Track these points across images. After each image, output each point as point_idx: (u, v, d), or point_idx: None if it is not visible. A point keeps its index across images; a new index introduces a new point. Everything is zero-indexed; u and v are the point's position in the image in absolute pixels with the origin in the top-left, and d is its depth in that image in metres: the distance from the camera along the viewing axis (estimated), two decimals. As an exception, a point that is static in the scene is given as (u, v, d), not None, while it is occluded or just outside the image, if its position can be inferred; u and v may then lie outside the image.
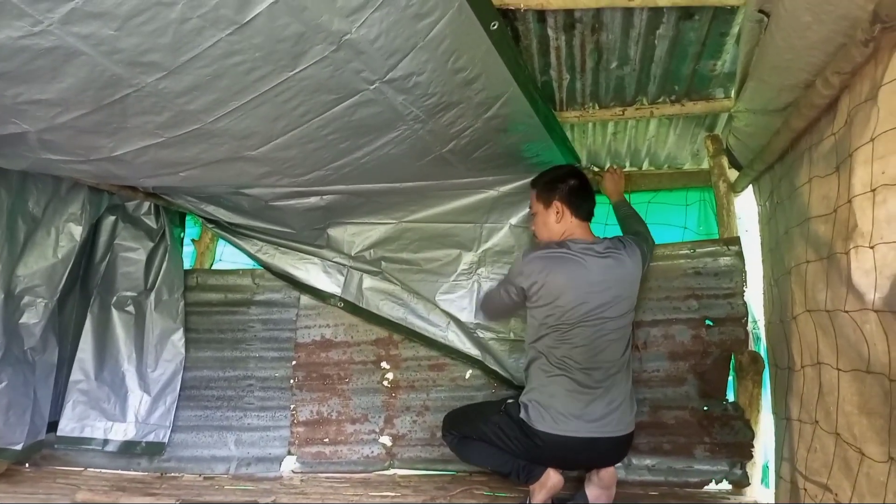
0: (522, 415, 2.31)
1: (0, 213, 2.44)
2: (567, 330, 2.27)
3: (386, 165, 2.36)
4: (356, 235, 3.10)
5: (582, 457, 2.33)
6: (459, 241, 3.05)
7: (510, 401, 2.43)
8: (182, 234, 3.52)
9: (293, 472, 3.10)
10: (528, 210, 2.97)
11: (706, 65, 2.58)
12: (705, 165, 3.30)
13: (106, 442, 3.03)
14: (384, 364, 3.19)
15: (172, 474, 3.08)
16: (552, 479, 2.35)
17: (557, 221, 2.42)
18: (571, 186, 2.43)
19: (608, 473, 2.39)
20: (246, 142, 1.97)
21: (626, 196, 3.06)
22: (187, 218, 3.54)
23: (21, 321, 2.65)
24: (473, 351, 3.06)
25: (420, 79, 1.84)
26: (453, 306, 3.05)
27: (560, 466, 2.38)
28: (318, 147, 2.10)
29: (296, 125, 1.92)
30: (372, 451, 3.11)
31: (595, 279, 2.27)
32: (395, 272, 3.12)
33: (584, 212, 2.45)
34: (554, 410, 2.24)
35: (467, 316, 3.04)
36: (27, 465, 3.05)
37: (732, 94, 2.70)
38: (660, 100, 2.88)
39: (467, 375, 3.12)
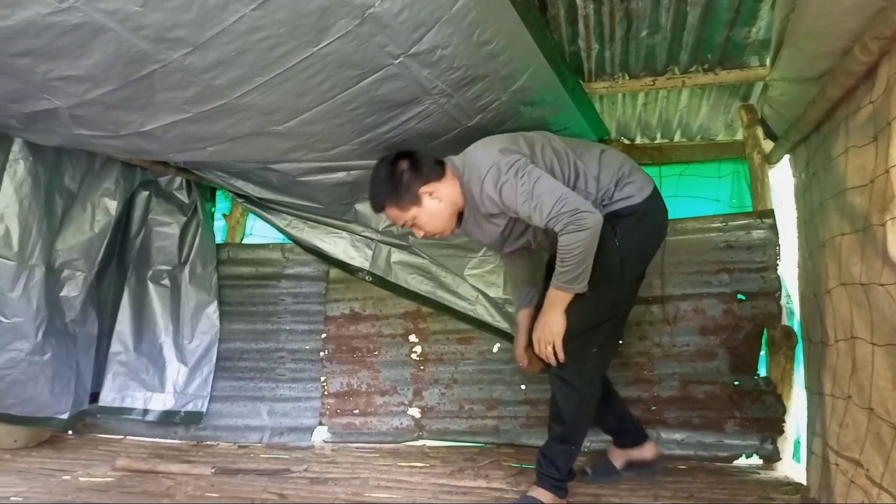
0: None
1: (38, 188, 2.51)
2: None
3: (412, 140, 2.35)
4: (384, 210, 3.12)
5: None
6: (488, 216, 3.04)
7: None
8: (213, 209, 3.59)
9: (324, 441, 3.17)
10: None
11: (740, 32, 2.50)
12: (739, 136, 3.23)
13: (146, 412, 3.14)
14: (412, 337, 3.23)
15: (208, 442, 3.18)
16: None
17: (440, 198, 2.04)
18: (410, 165, 2.02)
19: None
20: (272, 117, 1.99)
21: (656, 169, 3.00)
22: (218, 193, 3.60)
23: (62, 294, 2.74)
24: (503, 324, 3.06)
25: (445, 52, 1.82)
26: (482, 281, 3.06)
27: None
28: (343, 122, 2.11)
29: (321, 100, 1.93)
30: (401, 423, 3.16)
31: None
32: (424, 247, 3.14)
33: (437, 166, 2.07)
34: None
35: (496, 291, 3.04)
36: (70, 432, 3.18)
37: (767, 62, 2.62)
38: (692, 69, 2.81)
39: (495, 349, 3.13)
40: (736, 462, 2.71)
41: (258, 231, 3.75)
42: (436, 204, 2.03)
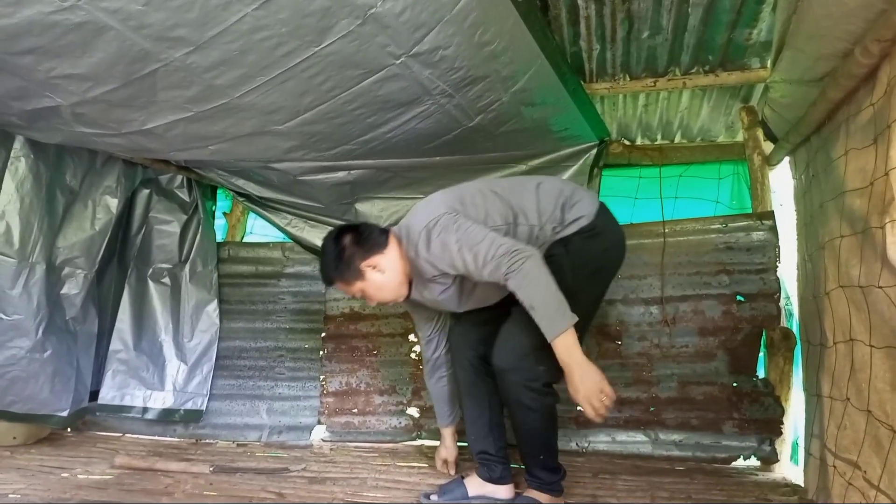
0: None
1: (39, 185, 2.51)
2: None
3: (413, 140, 2.36)
4: (384, 210, 3.11)
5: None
6: (487, 216, 3.04)
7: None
8: (214, 208, 3.59)
9: (323, 440, 3.18)
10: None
11: (741, 33, 2.51)
12: (739, 138, 3.23)
13: (145, 410, 3.14)
14: (412, 337, 3.23)
15: (207, 441, 3.18)
16: None
17: (384, 270, 2.00)
18: (352, 240, 2.00)
19: None
20: (273, 116, 1.99)
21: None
22: (219, 191, 3.60)
23: (62, 292, 2.74)
24: (500, 325, 3.06)
25: (446, 52, 1.82)
26: (480, 280, 3.06)
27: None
28: (344, 122, 2.11)
29: (322, 100, 1.93)
30: (399, 422, 3.17)
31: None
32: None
33: (381, 237, 2.05)
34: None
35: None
36: (69, 430, 3.18)
37: (768, 63, 2.62)
38: (693, 70, 2.81)
39: (494, 349, 3.13)
40: (734, 463, 2.71)
41: (258, 230, 3.75)
42: (379, 276, 2.01)
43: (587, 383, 1.73)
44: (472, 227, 1.86)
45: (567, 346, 1.73)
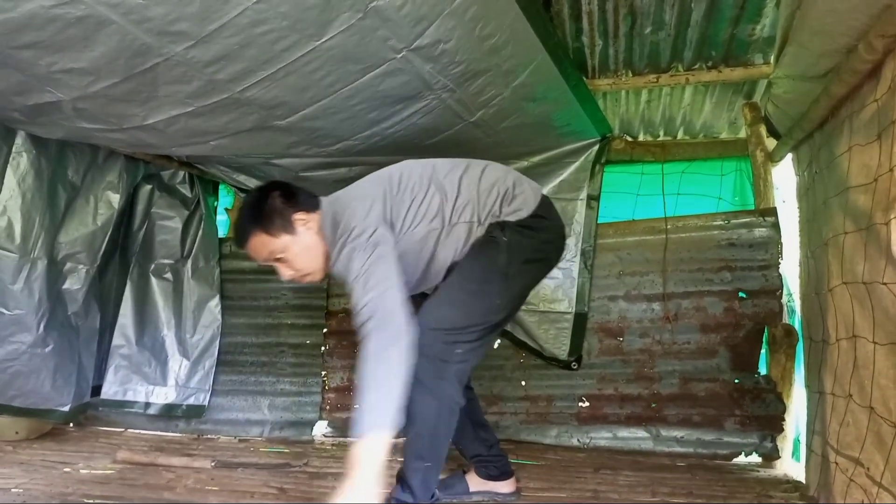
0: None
1: (41, 181, 2.51)
2: None
3: (414, 136, 2.35)
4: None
5: None
6: (489, 212, 3.04)
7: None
8: (216, 203, 3.59)
9: (325, 436, 3.18)
10: (557, 181, 2.94)
11: (745, 29, 2.50)
12: (742, 134, 3.22)
13: (148, 405, 3.15)
14: (413, 333, 3.22)
15: (209, 436, 3.19)
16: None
17: (314, 231, 1.84)
18: (284, 192, 1.84)
19: None
20: (274, 111, 1.98)
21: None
22: (220, 187, 3.60)
23: (64, 287, 2.74)
24: (502, 321, 3.06)
25: (447, 46, 1.81)
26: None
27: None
28: (345, 117, 2.10)
29: (323, 95, 1.93)
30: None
31: None
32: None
33: (313, 199, 1.90)
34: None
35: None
36: (71, 425, 3.19)
37: (772, 59, 2.62)
38: (696, 66, 2.81)
39: (495, 345, 3.13)
40: (735, 460, 2.71)
41: (260, 226, 3.74)
42: (311, 236, 1.81)
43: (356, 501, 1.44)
44: (381, 268, 1.64)
45: (367, 453, 1.45)
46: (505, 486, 2.18)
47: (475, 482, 2.19)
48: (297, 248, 1.80)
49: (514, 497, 2.18)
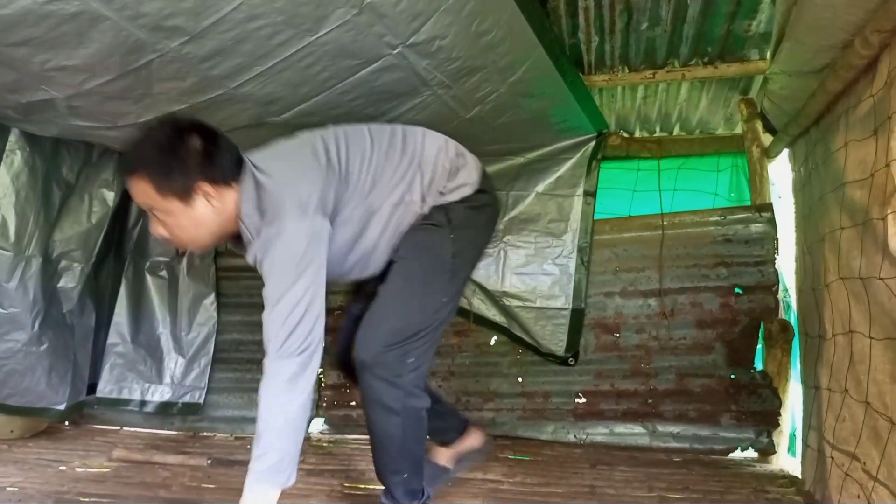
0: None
1: (35, 178, 2.49)
2: None
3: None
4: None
5: None
6: (485, 209, 3.03)
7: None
8: (211, 201, 3.57)
9: (321, 433, 3.18)
10: (553, 177, 2.93)
11: (741, 25, 2.50)
12: (738, 130, 3.22)
13: (143, 403, 3.14)
14: (410, 330, 3.22)
15: (204, 434, 3.18)
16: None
17: (216, 208, 1.51)
18: (204, 147, 1.48)
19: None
20: (270, 108, 1.98)
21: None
22: (216, 185, 3.58)
23: (59, 285, 2.73)
24: (499, 318, 3.07)
25: (443, 43, 1.81)
26: (479, 274, 3.05)
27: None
28: (341, 113, 2.10)
29: (319, 91, 1.92)
30: None
31: None
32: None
33: (236, 168, 1.55)
34: None
35: (494, 284, 3.04)
36: (67, 423, 3.17)
37: (768, 55, 2.61)
38: (692, 62, 2.81)
39: (492, 342, 3.13)
40: (731, 455, 2.72)
41: (256, 223, 3.73)
42: (208, 214, 1.50)
43: None
44: (311, 280, 1.45)
45: (268, 499, 1.40)
46: (473, 440, 2.10)
47: (444, 456, 2.08)
48: (185, 221, 1.49)
49: (488, 445, 2.11)
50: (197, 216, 1.49)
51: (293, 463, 1.43)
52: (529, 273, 2.98)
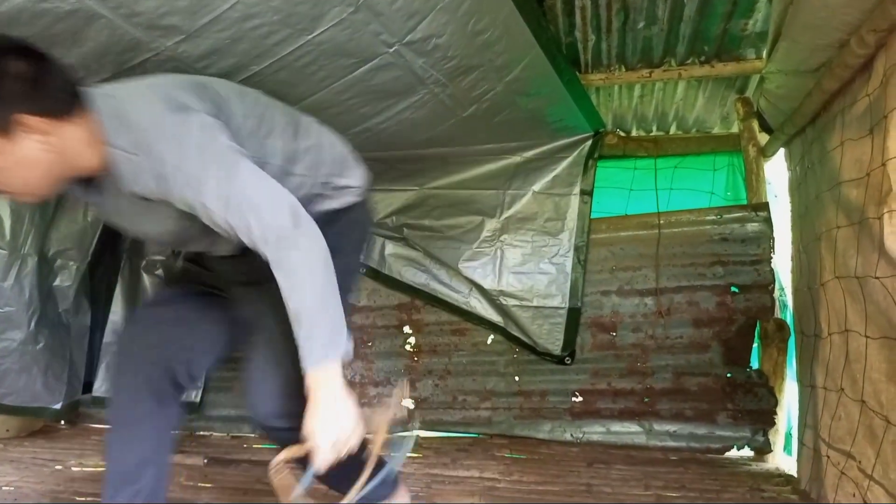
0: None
1: (30, 177, 2.48)
2: None
3: (407, 131, 2.34)
4: (378, 202, 3.10)
5: None
6: (482, 208, 3.03)
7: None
8: (207, 200, 3.56)
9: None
10: (550, 176, 2.93)
11: (737, 24, 2.50)
12: (735, 129, 3.22)
13: (139, 402, 3.13)
14: (406, 328, 3.22)
15: (201, 433, 3.18)
16: None
17: (51, 149, 1.20)
18: (29, 72, 1.16)
19: None
20: (266, 106, 1.97)
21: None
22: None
23: (55, 284, 2.72)
24: (495, 317, 3.06)
25: (440, 41, 1.80)
26: (476, 273, 3.05)
27: None
28: (337, 112, 2.09)
29: (315, 90, 1.91)
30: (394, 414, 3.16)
31: None
32: (418, 239, 3.13)
33: (71, 98, 1.24)
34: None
35: (490, 283, 3.04)
36: (63, 422, 3.17)
37: (764, 54, 2.62)
38: (689, 61, 2.81)
39: (489, 340, 3.13)
40: (727, 454, 2.73)
41: (252, 221, 3.72)
42: (37, 151, 1.19)
43: (343, 425, 1.30)
44: (243, 164, 1.26)
45: (334, 374, 1.29)
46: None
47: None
48: (8, 162, 1.18)
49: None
50: (23, 157, 1.18)
51: (342, 328, 1.27)
52: (526, 272, 2.98)
